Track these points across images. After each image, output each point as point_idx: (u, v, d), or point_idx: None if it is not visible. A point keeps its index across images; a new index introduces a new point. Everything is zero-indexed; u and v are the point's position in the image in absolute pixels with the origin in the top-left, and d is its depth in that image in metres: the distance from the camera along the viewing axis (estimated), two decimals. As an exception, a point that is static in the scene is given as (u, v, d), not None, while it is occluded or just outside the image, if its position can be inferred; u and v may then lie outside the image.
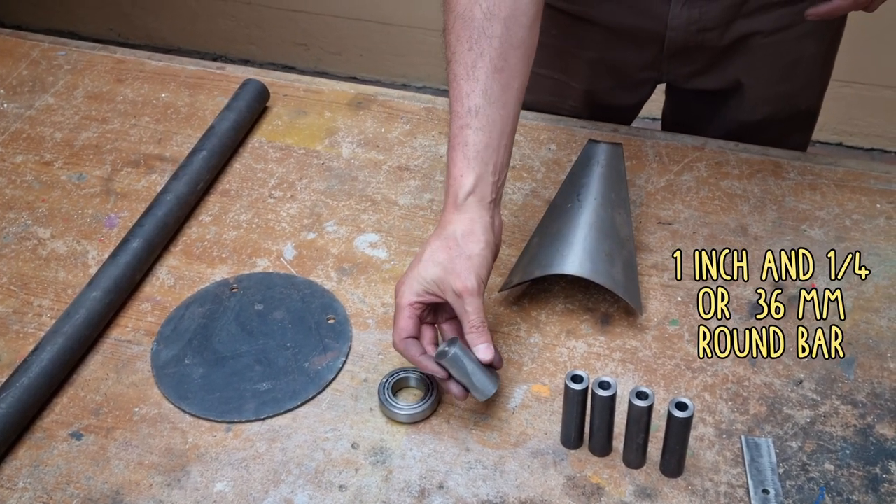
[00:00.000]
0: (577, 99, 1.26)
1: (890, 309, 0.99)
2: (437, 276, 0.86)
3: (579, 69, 1.23)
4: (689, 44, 1.15)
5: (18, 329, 1.00)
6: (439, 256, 0.86)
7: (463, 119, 0.89)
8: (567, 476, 0.85)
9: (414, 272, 0.87)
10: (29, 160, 1.21)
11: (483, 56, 0.89)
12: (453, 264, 0.86)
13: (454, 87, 0.90)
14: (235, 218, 1.12)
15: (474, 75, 0.89)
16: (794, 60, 1.17)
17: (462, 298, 0.85)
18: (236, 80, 1.30)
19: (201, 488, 0.85)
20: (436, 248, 0.87)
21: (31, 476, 0.86)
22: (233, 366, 0.95)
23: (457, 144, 0.89)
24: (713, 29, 1.13)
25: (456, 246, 0.87)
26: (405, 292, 0.87)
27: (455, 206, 0.88)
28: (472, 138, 0.89)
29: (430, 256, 0.87)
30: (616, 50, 1.19)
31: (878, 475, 0.85)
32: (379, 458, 0.87)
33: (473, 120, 0.89)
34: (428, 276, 0.86)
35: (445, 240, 0.87)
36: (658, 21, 1.13)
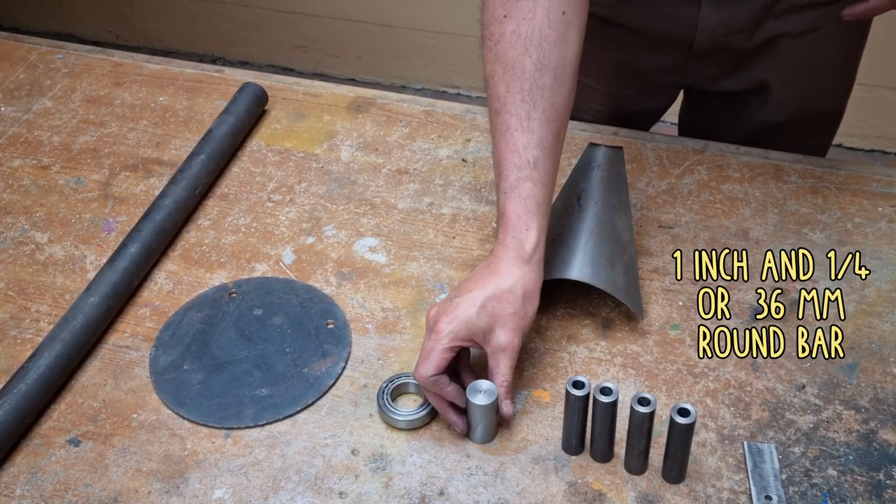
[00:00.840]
0: (600, 102, 1.25)
1: (892, 313, 0.98)
2: (486, 325, 0.85)
3: (604, 72, 1.22)
4: (717, 46, 1.14)
5: (16, 335, 0.99)
6: (494, 307, 0.85)
7: (523, 171, 0.88)
8: (568, 482, 0.85)
9: (461, 313, 0.85)
10: (26, 164, 1.20)
11: (536, 107, 0.89)
12: (505, 320, 0.85)
13: (508, 137, 0.89)
14: (234, 222, 1.11)
15: (529, 126, 0.89)
16: (819, 62, 1.17)
17: (501, 354, 0.85)
18: (235, 83, 1.30)
19: (200, 495, 0.85)
20: (492, 296, 0.85)
21: (29, 483, 0.86)
22: (232, 371, 0.95)
23: (518, 196, 0.88)
24: (742, 31, 1.12)
25: (515, 301, 0.86)
26: (447, 331, 0.85)
27: (522, 260, 0.87)
28: (533, 191, 0.88)
29: (483, 303, 0.85)
30: (642, 53, 1.18)
31: (881, 481, 0.84)
32: (379, 464, 0.87)
33: (533, 172, 0.88)
34: (477, 324, 0.85)
35: (506, 293, 0.86)
36: (687, 25, 1.12)
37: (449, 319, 0.85)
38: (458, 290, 0.88)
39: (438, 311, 0.86)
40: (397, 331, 0.98)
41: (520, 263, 0.87)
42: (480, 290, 0.86)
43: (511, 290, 0.86)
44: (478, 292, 0.86)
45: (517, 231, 0.88)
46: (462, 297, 0.86)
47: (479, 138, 1.21)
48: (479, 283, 0.87)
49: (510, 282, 0.86)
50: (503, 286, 0.86)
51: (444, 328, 0.85)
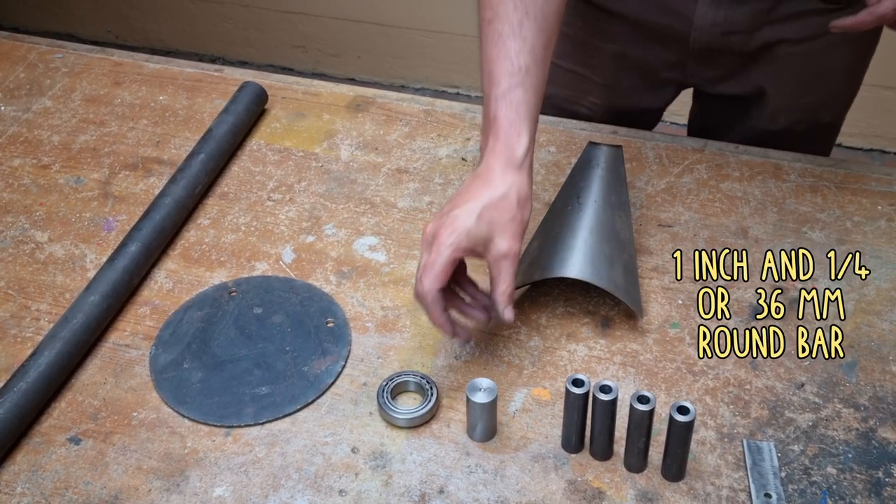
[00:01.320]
0: (597, 95, 1.25)
1: (891, 311, 0.98)
2: (486, 234, 0.85)
3: (601, 63, 1.22)
4: (714, 46, 1.14)
5: (16, 333, 0.99)
6: (491, 215, 0.85)
7: (515, 77, 0.88)
8: (568, 480, 0.85)
9: (461, 224, 0.85)
10: (26, 164, 1.20)
11: (528, 15, 0.89)
12: (504, 226, 0.85)
13: (500, 44, 0.89)
14: (234, 221, 1.11)
15: (521, 34, 0.89)
16: (821, 72, 1.16)
17: (503, 261, 0.85)
18: (234, 82, 1.30)
19: (200, 493, 0.85)
20: (488, 205, 0.85)
21: (30, 481, 0.86)
22: (231, 370, 0.95)
23: (510, 103, 0.88)
24: (739, 33, 1.12)
25: (511, 208, 0.86)
26: (449, 243, 0.84)
27: (512, 166, 0.87)
28: (525, 98, 0.88)
29: (481, 213, 0.85)
30: (640, 46, 1.18)
31: (880, 479, 0.84)
32: (379, 462, 0.87)
33: (525, 79, 0.88)
34: (477, 234, 0.85)
35: (502, 200, 0.86)
36: (684, 20, 1.12)
37: (449, 231, 0.85)
38: (453, 203, 0.87)
39: (437, 226, 0.86)
40: (397, 329, 0.98)
41: (512, 170, 0.87)
42: (476, 201, 0.86)
43: (506, 197, 0.86)
44: (474, 203, 0.86)
45: (509, 137, 0.88)
46: (459, 208, 0.86)
47: (478, 137, 1.21)
48: (473, 194, 0.87)
49: (504, 188, 0.87)
50: (498, 194, 0.86)
51: (445, 240, 0.84)
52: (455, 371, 0.94)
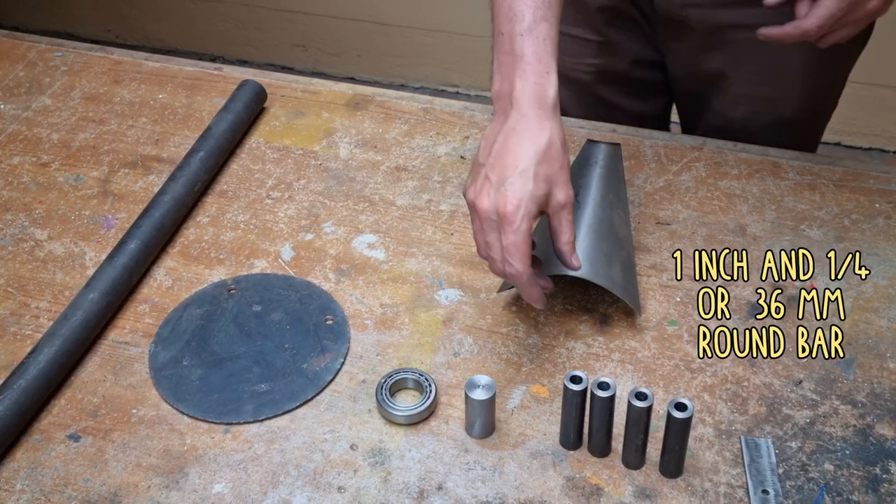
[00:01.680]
0: (593, 54, 1.23)
1: (889, 309, 0.98)
2: (545, 191, 0.82)
3: (590, 18, 1.21)
4: (674, 17, 1.15)
5: (16, 331, 0.99)
6: (545, 170, 0.81)
7: (539, 10, 0.84)
8: (566, 477, 0.85)
9: (523, 192, 0.80)
10: (26, 161, 1.20)
11: None
12: (557, 177, 0.82)
13: None
14: (233, 219, 1.12)
15: None
16: (776, 64, 1.16)
17: (562, 211, 0.83)
18: (234, 80, 1.30)
19: (199, 490, 0.85)
20: (539, 159, 0.81)
21: (29, 478, 0.86)
22: (231, 367, 0.95)
23: (537, 37, 0.83)
24: (698, 6, 1.12)
25: (559, 155, 0.82)
26: (521, 216, 0.80)
27: (547, 107, 0.83)
28: (550, 32, 0.84)
29: (536, 171, 0.81)
30: (626, 33, 1.20)
31: (877, 475, 0.84)
32: (377, 459, 0.87)
33: (548, 12, 0.84)
34: (538, 194, 0.81)
35: (548, 149, 0.82)
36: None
37: (516, 205, 0.80)
38: (500, 167, 0.82)
39: (495, 200, 0.81)
40: (396, 327, 0.99)
41: (547, 112, 0.83)
42: (526, 159, 0.81)
43: (551, 145, 0.82)
44: (525, 162, 0.81)
45: (539, 76, 0.83)
46: (512, 175, 0.81)
47: (477, 135, 1.22)
48: (519, 152, 0.82)
49: (547, 136, 0.82)
50: (543, 144, 0.82)
51: (517, 215, 0.80)
52: (453, 368, 0.94)
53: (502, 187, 0.81)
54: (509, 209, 0.80)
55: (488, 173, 0.83)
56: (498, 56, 0.86)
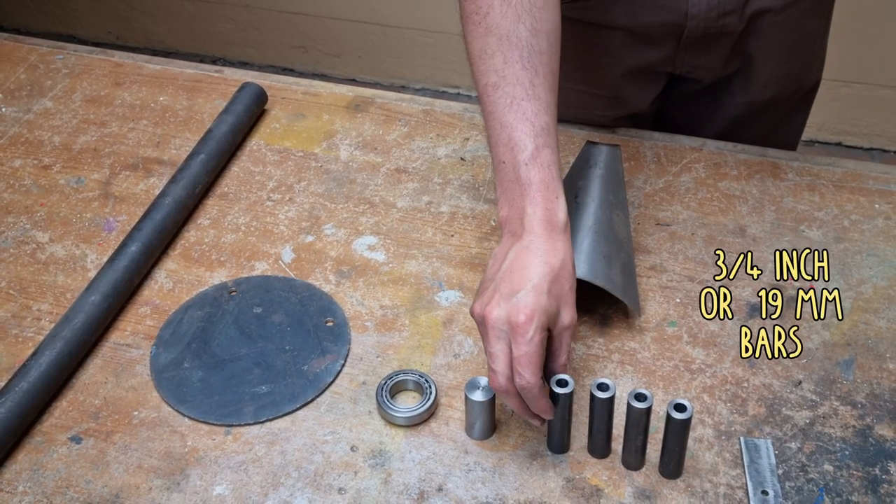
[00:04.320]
0: (602, 107, 1.24)
1: (889, 309, 0.99)
2: (555, 309, 0.82)
3: (600, 77, 1.21)
4: (709, 32, 1.14)
5: (17, 333, 1.00)
6: (556, 289, 0.82)
7: (540, 139, 0.86)
8: (566, 478, 0.85)
9: (536, 305, 0.80)
10: (27, 164, 1.21)
11: (538, 74, 0.88)
12: (565, 298, 0.83)
13: (516, 108, 0.87)
14: (234, 221, 1.12)
15: (535, 93, 0.87)
16: (800, 37, 1.18)
17: (565, 332, 0.84)
18: (234, 83, 1.30)
19: (200, 491, 0.85)
20: (552, 278, 0.82)
21: (31, 480, 0.86)
22: (231, 369, 0.95)
23: (541, 165, 0.85)
24: (732, 12, 1.12)
25: (570, 277, 0.84)
26: (535, 327, 0.80)
27: (558, 231, 0.85)
28: (552, 158, 0.86)
29: (548, 288, 0.81)
30: (635, 51, 1.18)
31: (877, 476, 0.85)
32: (378, 460, 0.87)
33: (548, 139, 0.86)
34: (550, 310, 0.82)
35: (561, 269, 0.83)
36: (677, 13, 1.12)
37: (528, 316, 0.80)
38: (512, 280, 0.82)
39: (506, 311, 0.81)
40: (396, 328, 0.99)
41: (558, 235, 0.85)
42: (539, 276, 0.82)
43: (563, 266, 0.84)
44: (538, 278, 0.82)
45: (548, 202, 0.85)
46: (525, 289, 0.81)
47: (477, 137, 1.22)
48: (532, 268, 0.83)
49: (560, 258, 0.84)
50: (555, 263, 0.83)
51: (530, 327, 0.80)
52: (453, 370, 0.95)
53: (514, 298, 0.81)
54: (522, 320, 0.80)
55: (499, 286, 0.83)
56: (502, 183, 0.88)
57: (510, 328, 0.80)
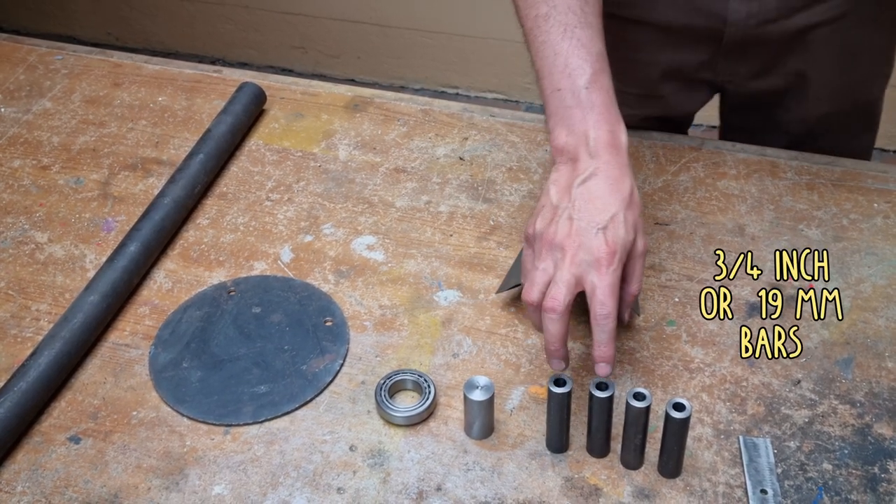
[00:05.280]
0: (631, 105, 1.22)
1: (888, 308, 0.99)
2: (633, 237, 0.83)
3: (632, 74, 1.20)
4: (748, 39, 1.12)
5: (16, 333, 1.00)
6: (632, 217, 0.84)
7: (598, 63, 0.86)
8: (565, 477, 0.85)
9: (619, 237, 0.81)
10: (26, 165, 1.21)
11: (588, 2, 0.89)
12: (638, 224, 0.84)
13: (570, 35, 0.87)
14: (232, 221, 1.12)
15: (587, 21, 0.88)
16: (856, 50, 1.15)
17: (639, 259, 0.85)
18: (233, 83, 1.30)
19: (199, 491, 0.85)
20: (626, 207, 0.83)
21: (30, 480, 0.86)
22: (230, 369, 0.95)
23: (601, 88, 0.86)
24: (774, 21, 1.10)
25: (639, 203, 0.85)
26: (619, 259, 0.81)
27: (623, 156, 0.85)
28: (609, 82, 0.86)
29: (625, 217, 0.83)
30: (670, 51, 1.17)
31: (876, 475, 0.84)
32: (377, 460, 0.87)
33: (604, 64, 0.87)
34: (629, 239, 0.83)
35: (631, 197, 0.84)
36: (716, 17, 1.11)
37: (612, 249, 0.81)
38: (589, 210, 0.83)
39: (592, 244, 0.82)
40: (395, 328, 0.99)
41: (624, 161, 0.85)
42: (615, 205, 0.83)
43: (633, 193, 0.84)
44: (615, 207, 0.83)
45: (611, 124, 0.85)
46: (605, 221, 0.82)
47: (476, 137, 1.22)
48: (606, 197, 0.83)
49: (629, 185, 0.84)
50: (626, 191, 0.84)
51: (614, 260, 0.81)
52: (452, 369, 0.95)
53: (599, 231, 0.82)
54: (606, 252, 0.81)
55: (572, 214, 0.84)
56: (558, 111, 0.87)
57: (594, 260, 0.82)
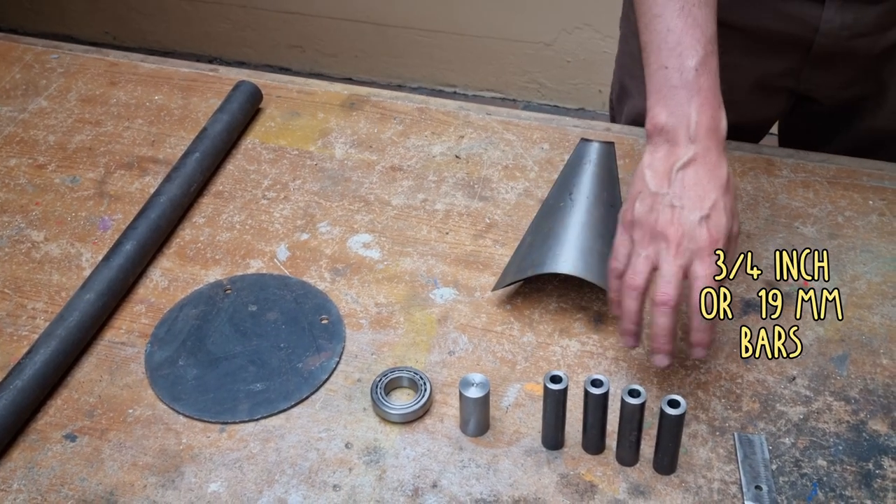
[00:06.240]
0: None
1: (882, 305, 0.99)
2: (728, 224, 0.84)
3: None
4: (838, 50, 1.09)
5: (12, 332, 1.00)
6: (728, 203, 0.84)
7: (710, 45, 0.85)
8: (560, 474, 0.86)
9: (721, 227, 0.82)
10: (22, 163, 1.21)
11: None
12: (733, 208, 0.85)
13: (686, 13, 0.85)
14: (229, 219, 1.12)
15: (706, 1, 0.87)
16: None
17: (734, 242, 0.85)
18: (230, 81, 1.30)
19: (195, 489, 0.85)
20: (723, 192, 0.83)
21: (26, 478, 0.87)
22: (226, 367, 0.95)
23: (710, 71, 0.85)
24: (867, 35, 1.07)
25: (734, 188, 0.85)
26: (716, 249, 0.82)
27: (721, 142, 0.85)
28: (717, 67, 0.86)
29: (725, 204, 0.83)
30: (754, 56, 1.14)
31: (870, 470, 0.85)
32: (372, 457, 0.87)
33: (715, 46, 0.86)
34: (729, 227, 0.83)
35: (728, 183, 0.84)
36: (807, 26, 1.08)
37: (715, 238, 0.82)
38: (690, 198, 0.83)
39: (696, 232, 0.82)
40: (391, 326, 0.99)
41: (723, 146, 0.85)
42: (715, 192, 0.83)
43: (729, 178, 0.84)
44: (715, 195, 0.83)
45: (714, 109, 0.85)
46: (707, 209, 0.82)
47: (472, 135, 1.22)
48: (707, 186, 0.83)
49: (725, 170, 0.84)
50: (724, 178, 0.84)
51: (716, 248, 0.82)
52: (448, 367, 0.95)
53: (704, 220, 0.83)
54: (708, 241, 0.82)
55: (673, 201, 0.84)
56: (661, 90, 0.87)
57: (697, 249, 0.82)
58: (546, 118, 1.24)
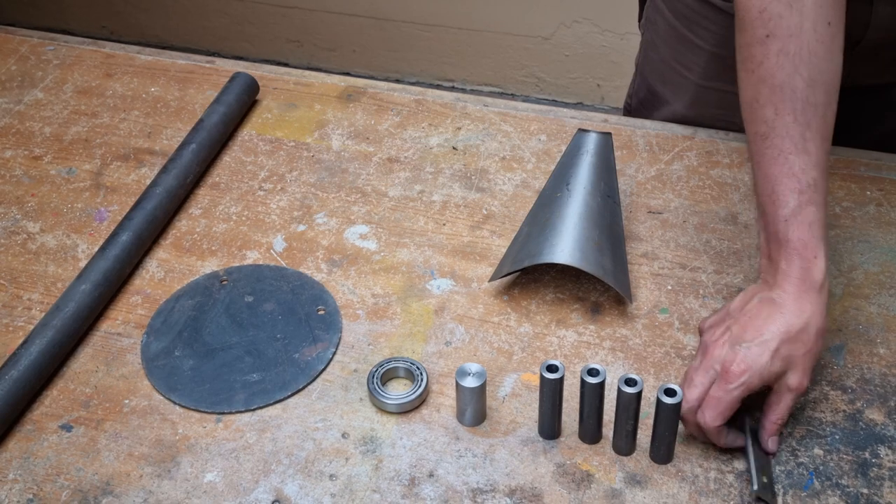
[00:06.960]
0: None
1: (879, 295, 0.99)
2: (779, 370, 0.82)
3: None
4: (886, 43, 1.08)
5: (8, 323, 1.00)
6: (788, 349, 0.81)
7: (805, 195, 0.84)
8: (557, 464, 0.86)
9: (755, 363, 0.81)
10: (18, 155, 1.20)
11: (810, 127, 0.85)
12: (798, 361, 0.82)
13: (782, 161, 0.84)
14: (225, 211, 1.12)
15: (805, 147, 0.84)
16: None
17: (788, 393, 0.83)
18: (226, 73, 1.30)
19: (191, 479, 0.85)
20: (786, 338, 0.81)
21: (22, 468, 0.86)
22: (223, 357, 0.95)
23: (802, 222, 0.83)
24: None
25: (809, 340, 0.82)
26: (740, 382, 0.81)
27: (812, 291, 0.83)
28: (817, 216, 0.84)
29: (777, 348, 0.81)
30: None
31: (867, 459, 0.85)
32: (369, 447, 0.87)
33: (814, 195, 0.84)
34: (770, 370, 0.81)
35: (801, 332, 0.82)
36: (857, 22, 1.06)
37: (742, 369, 0.81)
38: (745, 326, 0.83)
39: (729, 356, 0.82)
40: (387, 316, 0.99)
41: (811, 296, 0.83)
42: (773, 333, 0.81)
43: (805, 329, 0.82)
44: (771, 335, 0.81)
45: (804, 260, 0.83)
46: (753, 341, 0.81)
47: (469, 126, 1.22)
48: (769, 322, 0.82)
49: (804, 318, 0.82)
50: (796, 324, 0.82)
51: (736, 378, 0.81)
52: (445, 357, 0.95)
53: (738, 346, 0.82)
54: (734, 370, 0.81)
55: (732, 325, 0.84)
56: (763, 233, 0.87)
57: (721, 370, 0.82)
58: (543, 109, 1.24)
